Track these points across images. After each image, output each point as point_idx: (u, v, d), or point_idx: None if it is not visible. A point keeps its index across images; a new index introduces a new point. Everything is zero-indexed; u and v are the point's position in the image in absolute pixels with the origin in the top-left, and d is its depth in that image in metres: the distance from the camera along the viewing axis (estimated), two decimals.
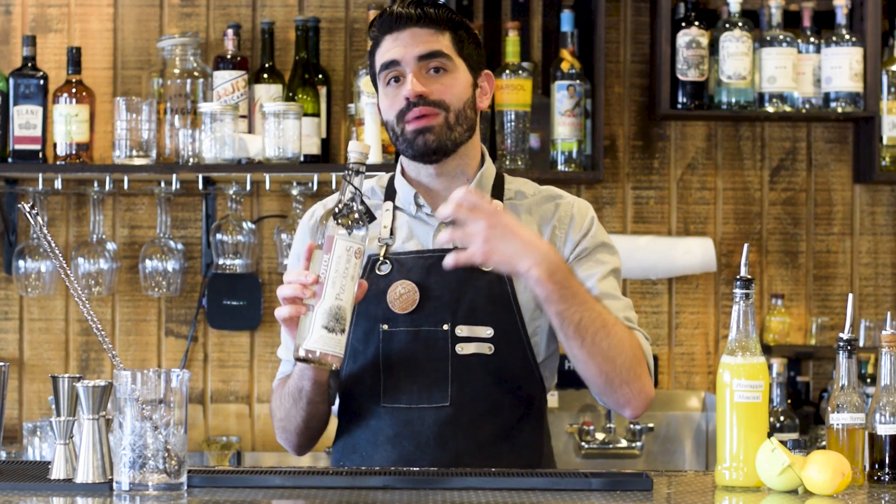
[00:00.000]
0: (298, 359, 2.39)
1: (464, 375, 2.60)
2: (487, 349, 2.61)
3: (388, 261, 2.63)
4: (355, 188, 2.39)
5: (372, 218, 2.53)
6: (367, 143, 2.54)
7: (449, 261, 2.44)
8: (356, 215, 2.38)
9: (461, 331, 2.61)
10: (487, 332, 2.61)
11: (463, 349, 2.61)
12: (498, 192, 2.71)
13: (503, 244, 2.41)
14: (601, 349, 2.51)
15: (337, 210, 2.38)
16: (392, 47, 2.63)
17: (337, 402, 2.69)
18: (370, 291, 2.59)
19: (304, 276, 2.37)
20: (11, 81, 4.16)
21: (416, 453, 2.60)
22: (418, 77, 2.61)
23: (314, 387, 2.57)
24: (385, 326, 2.60)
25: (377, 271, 2.64)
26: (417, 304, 2.61)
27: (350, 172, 2.40)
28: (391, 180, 2.74)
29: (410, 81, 2.60)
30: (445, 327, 2.61)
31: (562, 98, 4.19)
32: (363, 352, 2.63)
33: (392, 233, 2.67)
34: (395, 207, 2.70)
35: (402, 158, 2.73)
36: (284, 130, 4.07)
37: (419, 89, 2.59)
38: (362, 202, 2.40)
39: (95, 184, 4.23)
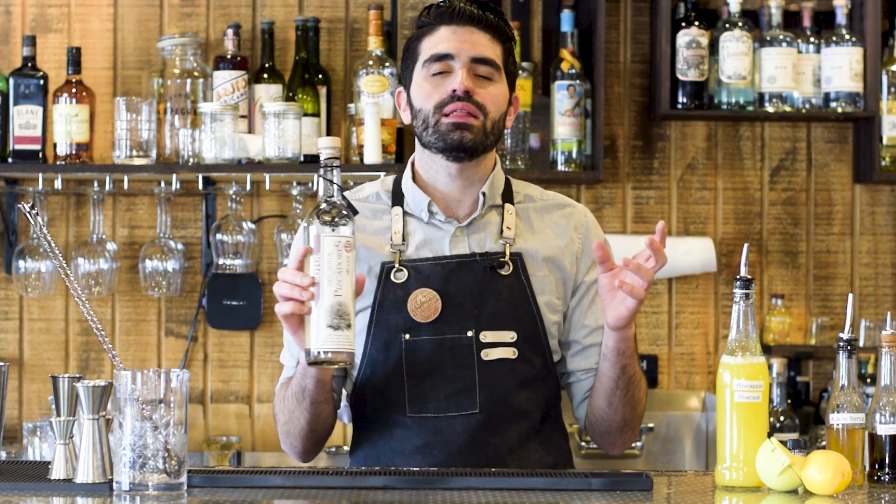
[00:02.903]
0: (310, 363, 2.37)
1: (490, 381, 2.59)
2: (511, 353, 2.60)
3: (403, 268, 2.61)
4: (334, 184, 2.38)
5: (354, 211, 2.51)
6: (335, 136, 2.52)
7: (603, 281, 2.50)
8: (339, 210, 2.36)
9: (485, 336, 2.60)
10: (511, 336, 2.60)
11: (488, 355, 2.60)
12: (508, 195, 2.70)
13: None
14: (633, 400, 2.65)
15: (319, 208, 2.36)
16: (447, 40, 2.61)
17: (347, 410, 2.67)
18: (387, 301, 2.58)
19: (300, 277, 2.34)
20: (11, 81, 4.16)
21: (448, 461, 2.58)
22: (468, 75, 2.60)
23: (317, 386, 2.54)
24: (407, 336, 2.57)
25: (393, 279, 2.61)
26: (440, 312, 2.60)
27: (327, 169, 2.38)
28: (397, 184, 2.71)
29: (462, 76, 2.58)
30: (470, 334, 2.59)
31: (562, 98, 4.20)
32: (383, 362, 2.60)
33: (404, 238, 2.65)
34: (405, 213, 2.67)
35: (415, 159, 2.70)
36: (284, 130, 4.07)
37: (469, 85, 2.58)
38: (343, 197, 2.39)
39: (95, 184, 4.23)
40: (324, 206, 2.36)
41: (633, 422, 2.68)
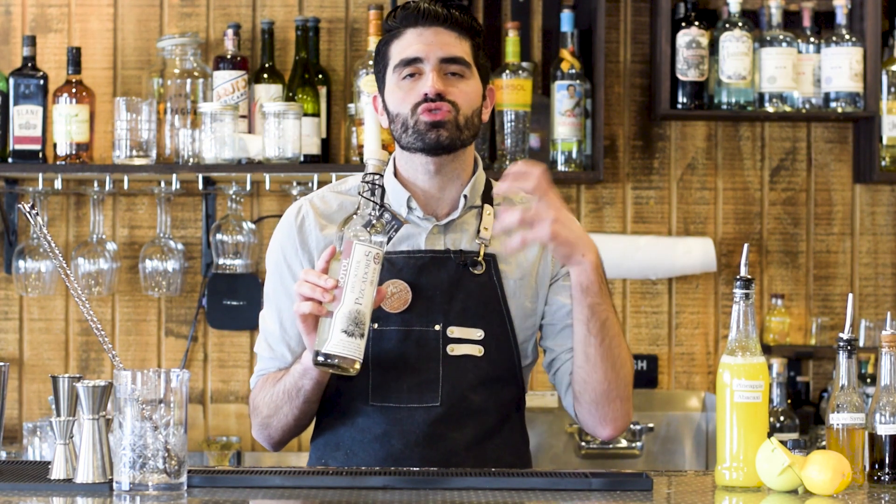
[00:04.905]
0: (317, 363, 2.40)
1: (454, 376, 2.61)
2: (477, 351, 2.63)
3: None
4: (375, 195, 2.42)
5: (399, 224, 2.54)
6: (382, 150, 2.56)
7: (515, 242, 2.45)
8: (375, 221, 2.39)
9: (452, 332, 2.62)
10: (478, 334, 2.63)
11: (454, 350, 2.62)
12: (488, 196, 2.71)
13: (569, 227, 2.46)
14: (613, 355, 2.57)
15: (356, 216, 2.40)
16: (415, 43, 2.62)
17: None
18: None
19: (324, 279, 2.38)
20: (11, 81, 4.16)
21: (406, 452, 2.60)
22: (438, 76, 2.60)
23: (315, 387, 2.57)
24: (375, 325, 2.59)
25: None
26: (409, 304, 2.61)
27: (369, 184, 2.42)
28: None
29: (433, 79, 2.59)
30: (437, 328, 2.61)
31: (562, 98, 4.19)
32: None
33: None
34: None
35: (395, 157, 2.71)
36: (284, 130, 4.07)
37: (440, 87, 2.59)
38: (384, 208, 2.42)
39: (95, 184, 4.23)
40: (364, 214, 2.40)
41: (619, 388, 2.59)
